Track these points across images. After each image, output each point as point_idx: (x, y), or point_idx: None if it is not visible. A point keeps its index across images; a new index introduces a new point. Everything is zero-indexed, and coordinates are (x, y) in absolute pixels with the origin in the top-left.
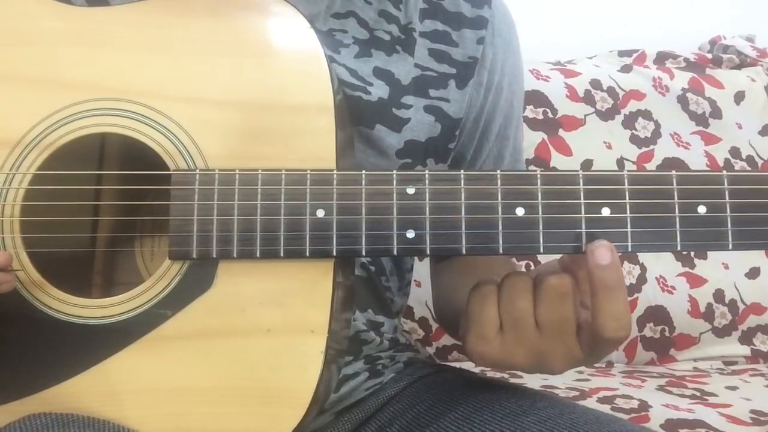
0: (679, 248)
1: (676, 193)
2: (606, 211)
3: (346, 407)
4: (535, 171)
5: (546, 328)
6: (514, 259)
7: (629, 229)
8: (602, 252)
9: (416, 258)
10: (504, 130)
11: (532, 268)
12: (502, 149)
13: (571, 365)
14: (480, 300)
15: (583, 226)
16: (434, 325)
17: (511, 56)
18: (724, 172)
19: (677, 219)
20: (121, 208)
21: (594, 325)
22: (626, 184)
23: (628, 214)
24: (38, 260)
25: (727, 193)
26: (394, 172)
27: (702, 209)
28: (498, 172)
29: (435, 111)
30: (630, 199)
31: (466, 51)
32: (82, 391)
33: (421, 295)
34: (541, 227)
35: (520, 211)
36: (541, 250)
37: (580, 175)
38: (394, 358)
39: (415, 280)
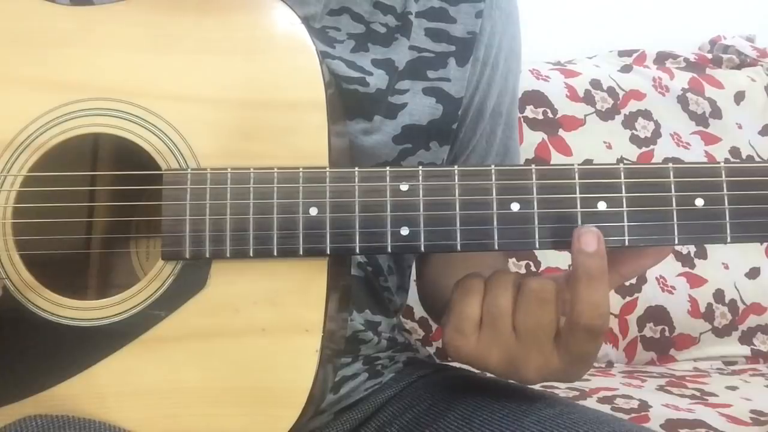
0: (676, 242)
1: (673, 186)
2: (602, 205)
3: (345, 407)
4: (530, 166)
5: (522, 332)
6: (514, 259)
7: (626, 223)
8: (588, 238)
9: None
10: (498, 107)
11: (533, 267)
12: (494, 126)
13: (546, 376)
14: (463, 294)
15: (579, 221)
16: (434, 325)
17: (510, 28)
18: (722, 164)
19: (674, 212)
20: (114, 209)
21: (572, 312)
22: (622, 177)
23: (625, 208)
24: (32, 262)
25: (725, 185)
26: (387, 168)
27: (699, 202)
28: (492, 167)
29: (435, 92)
30: (626, 192)
31: (465, 26)
32: (77, 394)
33: None
34: (536, 222)
35: (515, 207)
36: (537, 245)
37: (576, 169)
38: (393, 358)
39: (414, 280)
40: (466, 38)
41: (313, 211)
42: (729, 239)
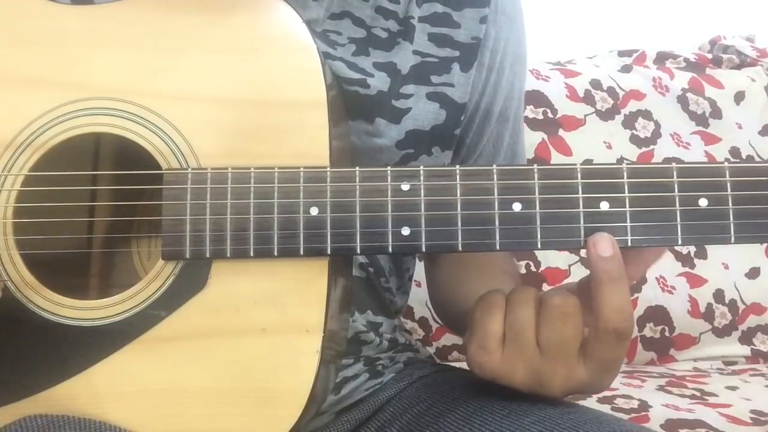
0: (680, 242)
1: (676, 186)
2: (605, 206)
3: (346, 407)
4: (532, 165)
5: (546, 348)
6: (514, 258)
7: (629, 224)
8: (603, 244)
9: (417, 257)
10: (505, 111)
11: (533, 267)
12: (501, 131)
13: (571, 389)
14: (484, 309)
15: (582, 221)
16: (434, 325)
17: (515, 33)
18: (726, 163)
19: (678, 212)
20: (114, 208)
21: (599, 318)
22: (625, 177)
23: (628, 208)
24: (32, 262)
25: (728, 185)
26: (389, 168)
27: (703, 202)
28: (494, 167)
29: (439, 97)
30: (629, 192)
31: (470, 31)
32: (77, 393)
33: (421, 295)
34: (538, 222)
35: (516, 207)
36: (539, 245)
37: (578, 169)
38: (394, 359)
39: (415, 280)
40: (471, 43)
41: (314, 211)
42: (733, 239)
